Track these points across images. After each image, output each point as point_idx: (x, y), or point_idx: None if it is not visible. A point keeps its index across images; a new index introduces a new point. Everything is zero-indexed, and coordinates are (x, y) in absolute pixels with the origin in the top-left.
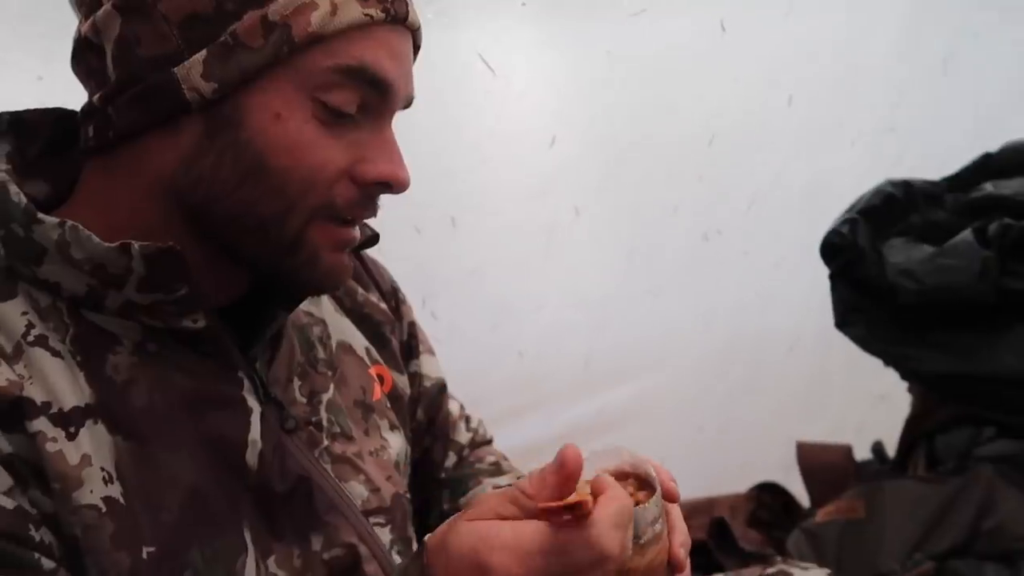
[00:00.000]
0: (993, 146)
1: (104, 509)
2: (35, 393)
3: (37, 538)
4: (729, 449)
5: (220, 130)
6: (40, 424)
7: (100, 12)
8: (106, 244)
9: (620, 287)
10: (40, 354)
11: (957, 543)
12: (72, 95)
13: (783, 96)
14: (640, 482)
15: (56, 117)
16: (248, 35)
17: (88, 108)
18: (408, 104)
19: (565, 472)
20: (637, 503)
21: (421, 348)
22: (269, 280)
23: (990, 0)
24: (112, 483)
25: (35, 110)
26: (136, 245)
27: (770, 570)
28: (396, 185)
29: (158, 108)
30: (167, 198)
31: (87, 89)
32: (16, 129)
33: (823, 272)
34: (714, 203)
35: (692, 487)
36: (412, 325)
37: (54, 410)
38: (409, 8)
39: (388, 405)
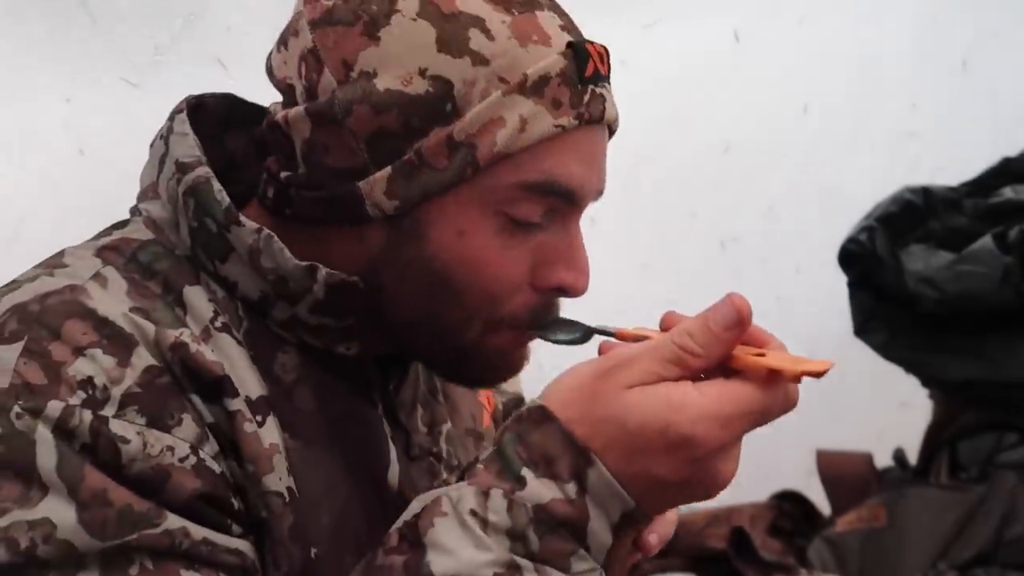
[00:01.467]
0: (1013, 150)
1: (287, 499)
2: (232, 376)
3: (236, 505)
4: (749, 457)
5: (403, 243)
6: (238, 404)
7: (293, 112)
8: (296, 261)
9: (637, 297)
10: (227, 341)
11: (981, 552)
12: (99, 115)
13: (798, 104)
14: None
15: (231, 105)
16: (432, 155)
17: (272, 172)
18: (599, 195)
19: (743, 322)
20: None
21: None
22: (437, 370)
23: (1008, 1)
24: (290, 476)
25: (212, 94)
26: (323, 271)
27: None
28: (572, 292)
29: (341, 215)
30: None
31: (275, 156)
32: (195, 113)
33: (842, 279)
34: (731, 211)
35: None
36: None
37: (244, 395)
38: (606, 102)
39: (495, 431)
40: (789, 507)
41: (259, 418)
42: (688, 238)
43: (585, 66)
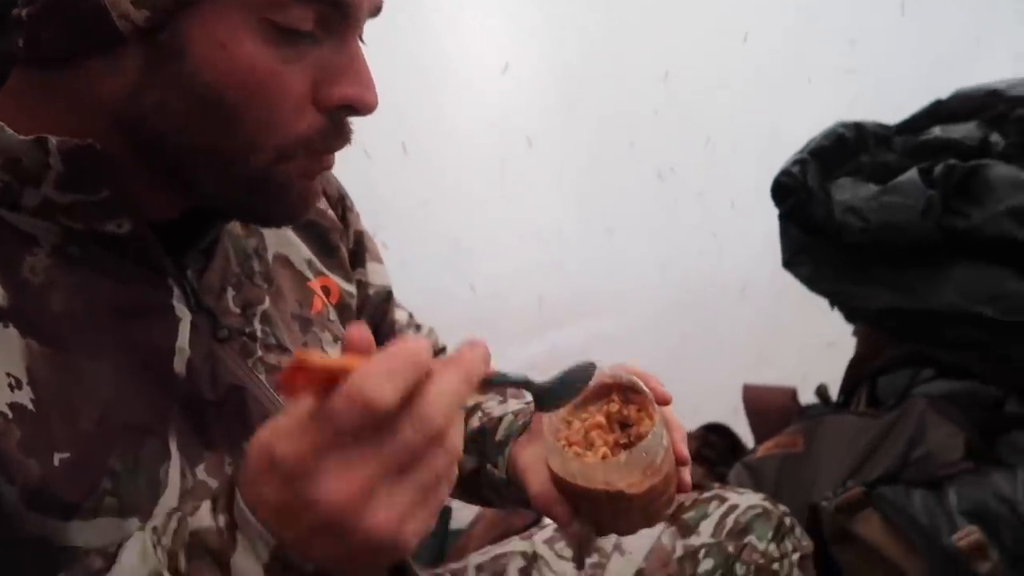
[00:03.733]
0: (946, 91)
1: (11, 415)
2: None
3: None
4: (679, 391)
5: (161, 62)
6: None
7: None
8: (20, 136)
9: (575, 225)
10: None
11: (888, 471)
12: None
13: (739, 33)
14: (624, 393)
15: None
16: None
17: (16, 19)
18: (376, 12)
19: (350, 349)
20: (625, 414)
21: (368, 256)
22: (226, 209)
23: None
24: (20, 389)
25: None
26: (53, 139)
27: (706, 494)
28: (362, 108)
29: (90, 38)
30: (113, 127)
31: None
32: None
33: (776, 214)
34: (669, 140)
35: None
36: (359, 233)
37: None
38: None
39: (332, 318)
40: (715, 438)
41: None
42: (626, 167)
43: None
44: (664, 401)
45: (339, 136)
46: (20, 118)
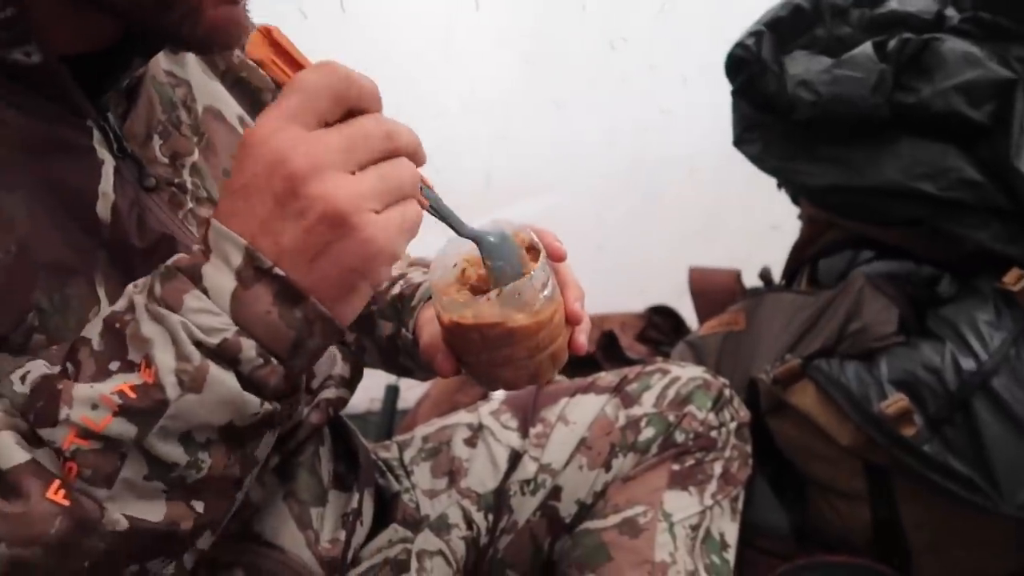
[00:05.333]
0: None
1: None
2: None
3: None
4: (626, 271)
5: None
6: None
7: None
8: None
9: (522, 96)
10: None
11: (824, 345)
12: None
13: None
14: (527, 249)
15: None
16: None
17: None
18: None
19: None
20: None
21: None
22: (144, 32)
23: None
24: None
25: None
26: None
27: (649, 368)
28: None
29: None
30: None
31: None
32: None
33: (727, 95)
34: (623, 7)
35: (586, 304)
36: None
37: None
38: None
39: None
40: (659, 319)
41: None
42: (577, 35)
43: None
44: (557, 256)
45: None
46: None
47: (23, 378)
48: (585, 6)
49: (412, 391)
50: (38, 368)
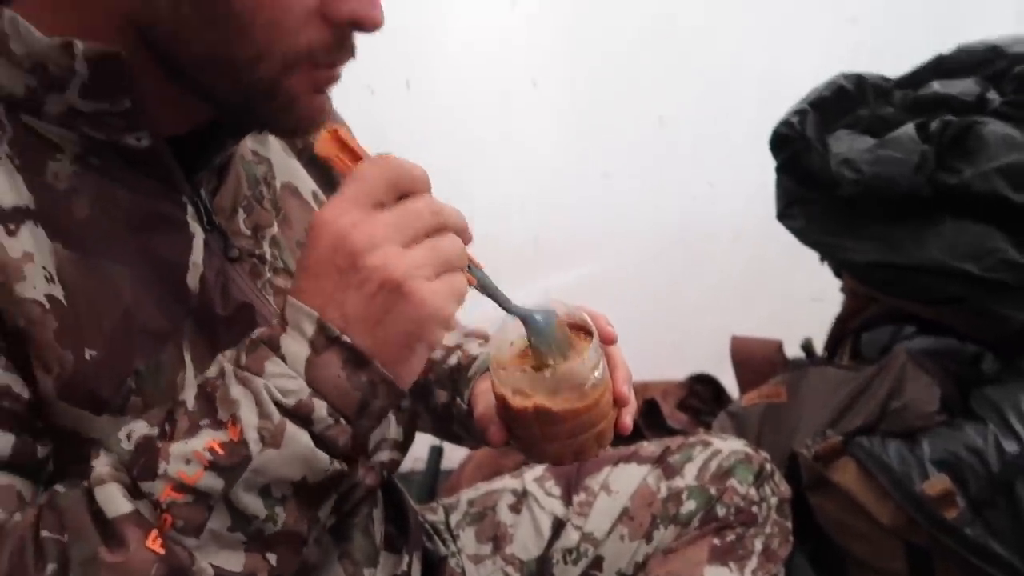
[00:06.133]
0: (950, 44)
1: (48, 306)
2: None
3: None
4: (668, 339)
5: None
6: None
7: None
8: (48, 39)
9: (573, 166)
10: None
11: (866, 422)
12: None
13: None
14: (578, 330)
15: None
16: None
17: None
18: None
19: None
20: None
21: None
22: (238, 117)
23: None
24: (54, 283)
25: None
26: (79, 44)
27: (691, 439)
28: (368, 24)
29: None
30: (126, 30)
31: None
32: None
33: (772, 165)
34: (670, 86)
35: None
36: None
37: None
38: None
39: None
40: (701, 388)
41: (10, 227)
42: (626, 111)
43: None
44: (609, 340)
45: (343, 50)
46: (39, 19)
47: (129, 436)
48: (634, 83)
49: (456, 452)
50: (141, 428)
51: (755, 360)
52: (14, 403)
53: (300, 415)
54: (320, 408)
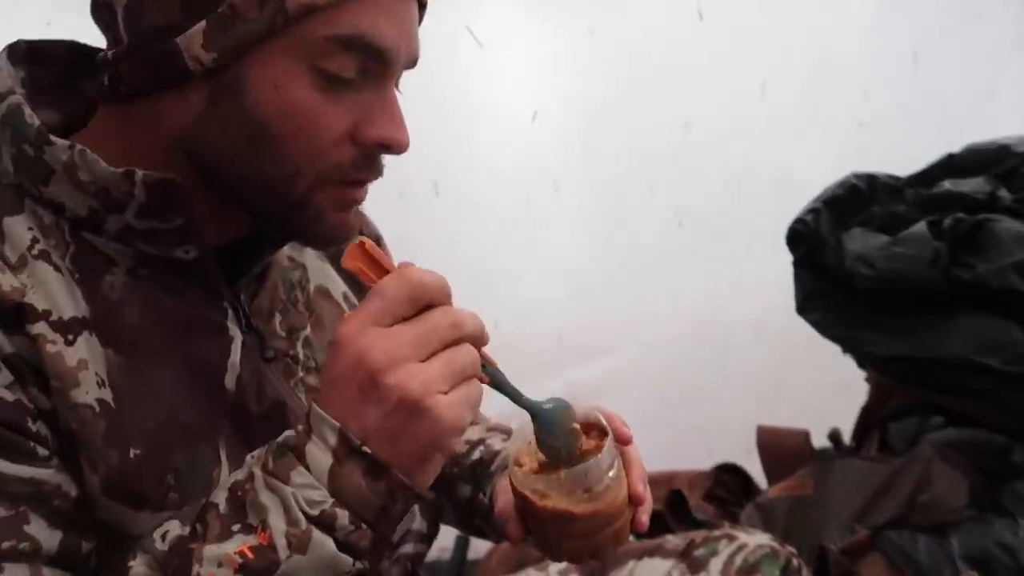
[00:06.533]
0: (959, 144)
1: (98, 409)
2: (37, 301)
3: (34, 429)
4: (694, 429)
5: (224, 98)
6: (40, 328)
7: None
8: (112, 169)
9: (595, 264)
10: (43, 267)
11: (894, 515)
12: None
13: (756, 84)
14: (592, 430)
15: (69, 48)
16: (244, 6)
17: (103, 60)
18: (413, 64)
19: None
20: (585, 449)
21: None
22: (274, 229)
23: (956, 2)
24: (104, 388)
25: (51, 41)
26: (140, 172)
27: (716, 532)
28: (395, 147)
29: (163, 74)
30: (177, 151)
31: (105, 39)
32: (32, 57)
33: (790, 259)
34: (688, 186)
35: (655, 462)
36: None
37: (54, 318)
38: None
39: None
40: (727, 478)
41: (69, 336)
42: (645, 210)
43: None
44: (624, 440)
45: (371, 170)
46: (102, 149)
47: (163, 536)
48: (653, 186)
49: (482, 541)
50: (175, 528)
51: (782, 450)
52: (63, 501)
53: (324, 524)
54: (343, 517)
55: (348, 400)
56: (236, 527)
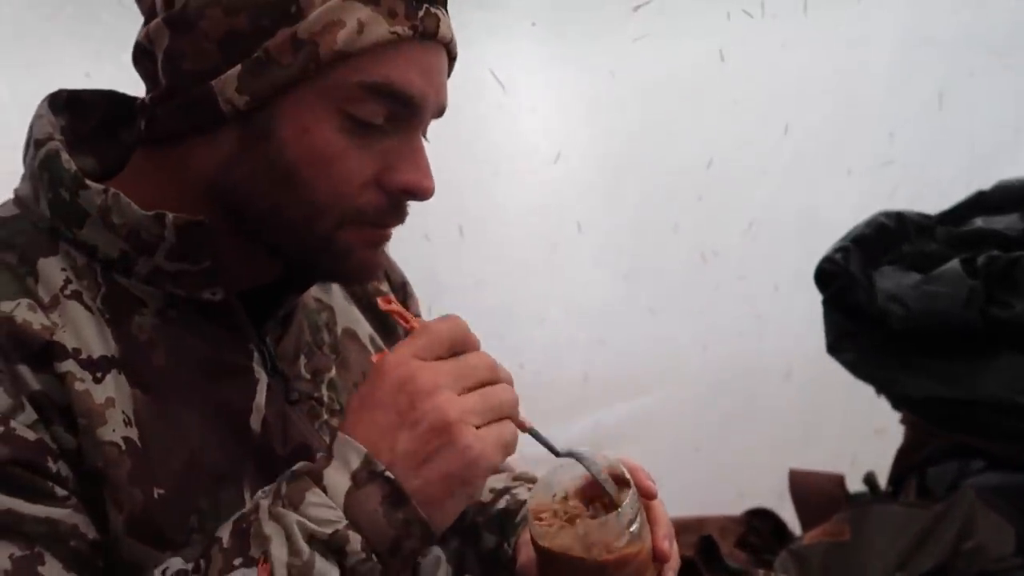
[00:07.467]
0: (987, 183)
1: (124, 448)
2: (66, 339)
3: (54, 469)
4: (723, 473)
5: (254, 141)
6: (69, 366)
7: (153, 24)
8: (143, 212)
9: (620, 304)
10: (74, 307)
11: (937, 563)
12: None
13: (780, 124)
14: (616, 482)
15: (110, 99)
16: (279, 52)
17: (142, 104)
18: (440, 113)
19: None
20: (606, 503)
21: None
22: (301, 270)
23: (982, 40)
24: (131, 427)
25: (91, 90)
26: (170, 215)
27: None
28: (420, 194)
29: (198, 118)
30: (207, 194)
31: (145, 86)
32: (72, 106)
33: (819, 299)
34: (712, 225)
35: (684, 507)
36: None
37: (83, 356)
38: (440, 23)
39: None
40: (759, 523)
41: (98, 375)
42: (669, 250)
43: None
44: (648, 495)
45: (395, 215)
46: (136, 193)
47: (163, 572)
48: (677, 226)
49: None
50: (175, 564)
51: (816, 495)
52: (80, 542)
53: (333, 546)
54: (355, 541)
55: (382, 422)
56: (238, 560)
